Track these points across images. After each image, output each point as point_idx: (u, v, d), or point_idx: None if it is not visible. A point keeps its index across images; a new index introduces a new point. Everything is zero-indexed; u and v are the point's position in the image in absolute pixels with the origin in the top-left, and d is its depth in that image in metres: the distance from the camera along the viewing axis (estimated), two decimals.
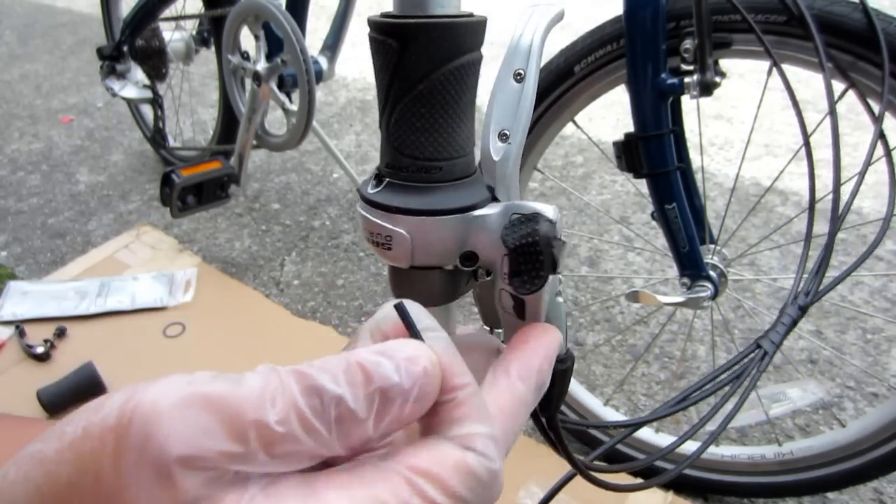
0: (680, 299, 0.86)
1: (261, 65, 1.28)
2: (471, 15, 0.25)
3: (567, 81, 0.87)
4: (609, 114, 2.08)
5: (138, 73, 1.73)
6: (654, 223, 0.88)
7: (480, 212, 0.25)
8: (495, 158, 0.27)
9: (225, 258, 1.60)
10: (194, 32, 1.72)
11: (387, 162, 0.26)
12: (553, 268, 0.24)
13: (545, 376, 0.24)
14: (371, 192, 0.26)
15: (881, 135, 0.65)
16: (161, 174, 1.35)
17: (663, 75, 0.78)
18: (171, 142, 1.89)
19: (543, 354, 0.24)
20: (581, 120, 0.94)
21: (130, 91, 1.73)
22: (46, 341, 1.25)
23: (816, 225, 0.64)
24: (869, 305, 1.29)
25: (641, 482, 0.32)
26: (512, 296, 0.26)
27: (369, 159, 1.98)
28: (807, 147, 0.70)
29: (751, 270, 1.42)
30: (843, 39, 0.69)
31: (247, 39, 1.31)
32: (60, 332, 1.28)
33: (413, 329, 0.20)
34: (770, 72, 0.78)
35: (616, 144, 0.83)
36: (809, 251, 0.62)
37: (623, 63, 0.80)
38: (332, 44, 1.45)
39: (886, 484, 0.99)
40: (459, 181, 0.25)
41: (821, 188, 0.68)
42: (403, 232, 0.25)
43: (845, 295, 1.33)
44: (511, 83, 0.27)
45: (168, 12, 1.60)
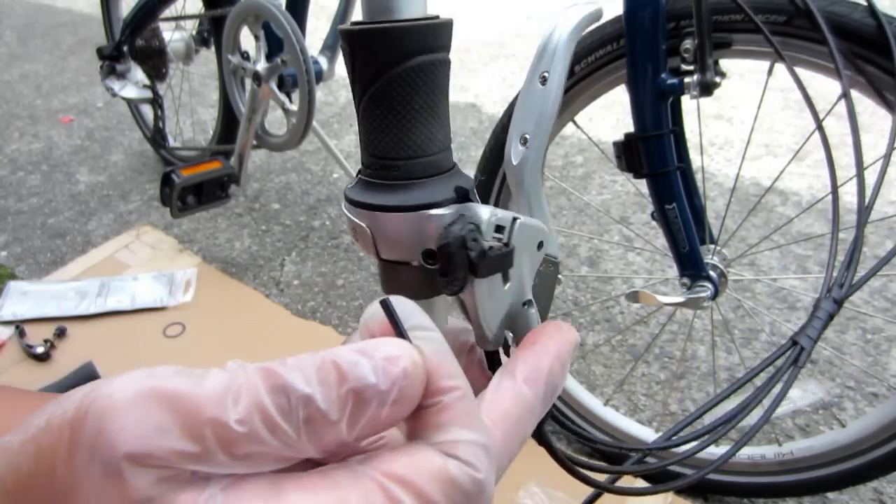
0: (680, 299, 0.86)
1: (261, 65, 1.28)
2: (424, 19, 0.25)
3: (567, 81, 0.87)
4: (609, 114, 2.08)
5: (138, 73, 1.73)
6: (654, 223, 0.88)
7: (436, 211, 0.25)
8: (514, 163, 0.27)
9: (225, 258, 1.60)
10: (194, 32, 1.72)
11: (362, 160, 0.27)
12: (472, 270, 0.24)
13: (557, 379, 0.22)
14: (349, 188, 0.27)
15: None
16: (161, 174, 1.35)
17: (663, 75, 0.78)
18: (171, 142, 1.89)
19: (555, 356, 0.23)
20: (581, 120, 0.94)
21: (130, 91, 1.73)
22: (46, 341, 1.25)
23: (815, 225, 0.64)
24: (869, 305, 1.29)
25: (649, 486, 0.31)
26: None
27: None
28: (821, 132, 0.69)
29: (751, 270, 1.42)
30: (846, 40, 0.69)
31: (247, 39, 1.31)
32: (60, 332, 1.28)
33: (399, 327, 0.19)
34: (770, 72, 0.77)
35: (616, 144, 0.83)
36: (805, 248, 0.62)
37: (623, 63, 0.80)
38: (332, 44, 1.46)
39: (886, 484, 0.99)
40: (420, 180, 0.26)
41: (820, 188, 0.68)
42: (364, 225, 0.26)
43: None
44: (536, 86, 0.27)
45: (168, 12, 1.60)
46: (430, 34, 0.24)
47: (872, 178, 0.64)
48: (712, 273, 0.86)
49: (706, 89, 0.77)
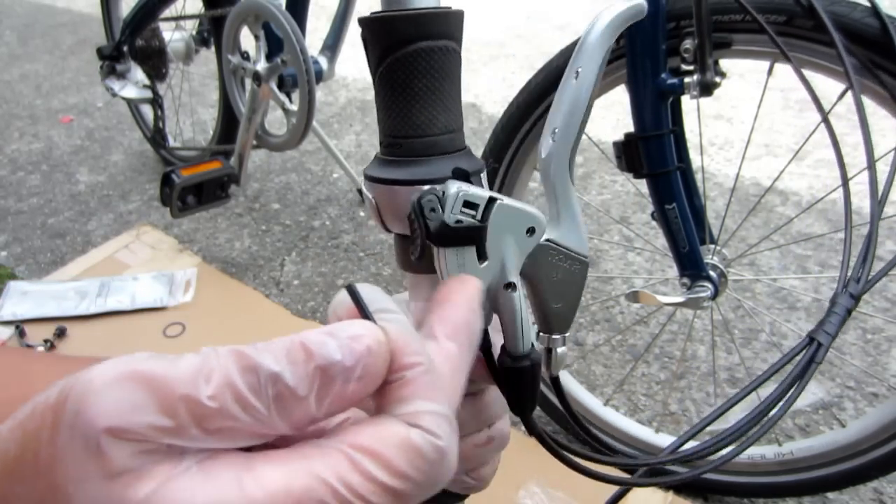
0: (680, 299, 0.86)
1: (261, 65, 1.28)
2: (428, 8, 0.26)
3: None
4: (609, 114, 2.08)
5: (138, 73, 1.73)
6: (654, 223, 0.88)
7: (427, 187, 0.26)
8: (542, 155, 0.28)
9: (225, 258, 1.60)
10: (194, 32, 1.72)
11: (379, 139, 0.29)
12: (429, 237, 0.25)
13: (475, 327, 0.24)
14: (368, 165, 0.29)
15: None
16: (161, 174, 1.35)
17: (663, 75, 0.78)
18: (171, 142, 1.89)
19: (467, 307, 0.24)
20: None
21: (130, 91, 1.73)
22: (46, 341, 1.25)
23: (816, 224, 0.63)
24: (869, 305, 1.29)
25: (639, 479, 0.31)
26: None
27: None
28: (827, 124, 0.68)
29: (751, 270, 1.42)
30: (847, 40, 0.69)
31: (247, 39, 1.31)
32: (60, 332, 1.28)
33: (364, 310, 0.20)
34: (770, 71, 0.77)
35: (616, 144, 0.83)
36: (805, 248, 0.62)
37: (623, 63, 0.80)
38: (332, 44, 1.46)
39: (886, 484, 0.99)
40: (420, 158, 0.27)
41: (820, 188, 0.68)
42: (370, 196, 0.28)
43: None
44: (571, 81, 0.28)
45: (168, 12, 1.60)
46: (431, 23, 0.26)
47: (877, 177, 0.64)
48: (712, 273, 0.86)
49: (706, 89, 0.77)
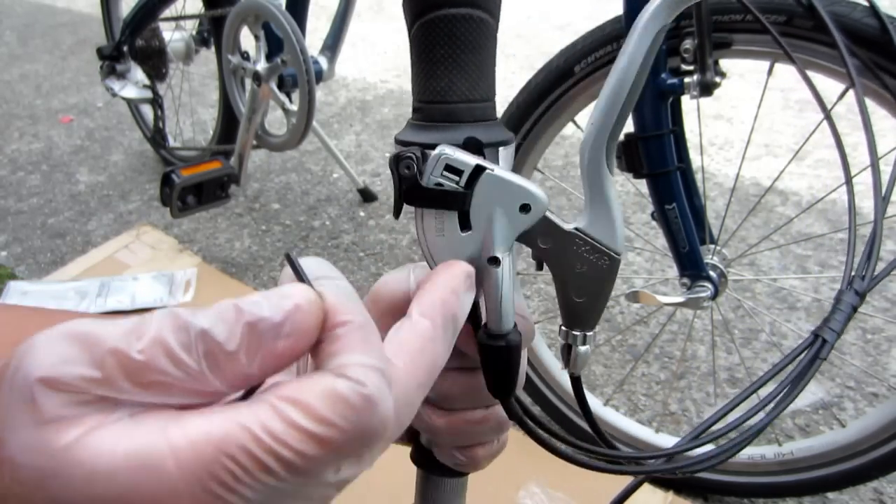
0: (680, 299, 0.86)
1: (261, 65, 1.28)
2: None
3: (567, 81, 0.87)
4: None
5: (138, 73, 1.73)
6: (654, 223, 0.88)
7: (416, 147, 0.27)
8: (582, 142, 0.28)
9: (225, 258, 1.60)
10: (194, 32, 1.72)
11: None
12: (401, 195, 0.26)
13: (453, 308, 0.24)
14: None
15: None
16: (161, 174, 1.35)
17: (663, 75, 0.78)
18: (171, 142, 1.89)
19: (445, 287, 0.24)
20: (581, 120, 0.94)
21: (130, 91, 1.73)
22: None
23: (816, 224, 0.63)
24: (869, 305, 1.29)
25: (616, 466, 0.31)
26: None
27: (369, 159, 1.98)
28: (830, 121, 0.68)
29: (751, 270, 1.42)
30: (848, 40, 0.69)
31: (247, 39, 1.31)
32: None
33: (300, 274, 0.21)
34: (770, 71, 0.77)
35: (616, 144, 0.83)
36: (805, 248, 0.62)
37: None
38: (332, 44, 1.46)
39: (886, 484, 0.99)
40: (437, 124, 0.27)
41: (820, 188, 0.68)
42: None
43: None
44: (618, 62, 0.27)
45: (168, 12, 1.60)
46: None
47: (868, 179, 0.64)
48: (712, 273, 0.86)
49: (706, 89, 0.77)
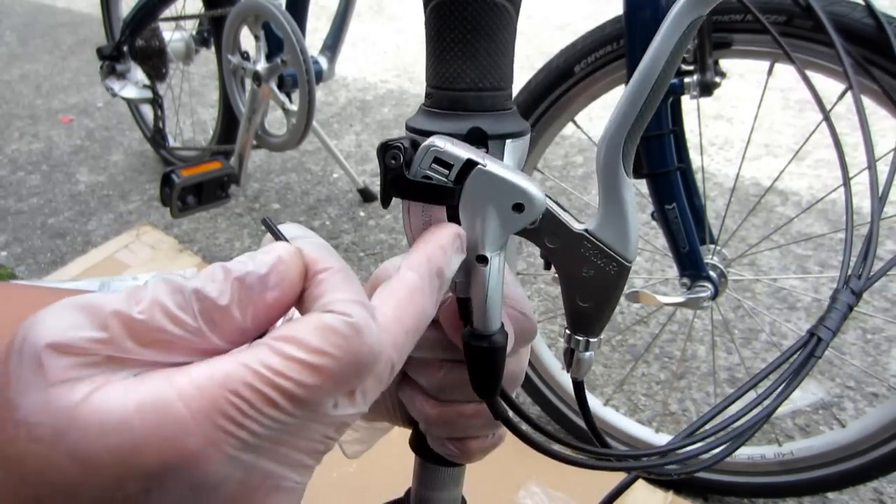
0: (680, 299, 0.86)
1: (261, 65, 1.28)
2: None
3: (567, 81, 0.87)
4: (609, 114, 2.08)
5: (138, 73, 1.73)
6: (654, 223, 0.88)
7: (406, 137, 0.27)
8: (600, 139, 0.28)
9: (225, 258, 1.59)
10: (194, 32, 1.72)
11: None
12: (385, 184, 0.26)
13: (439, 262, 0.25)
14: None
15: None
16: (161, 174, 1.35)
17: None
18: (171, 142, 1.89)
19: (434, 244, 0.25)
20: (581, 120, 0.94)
21: (130, 91, 1.73)
22: None
23: (816, 224, 0.63)
24: (869, 305, 1.29)
25: (602, 462, 0.31)
26: None
27: (369, 159, 1.98)
28: (828, 122, 0.68)
29: (751, 270, 1.42)
30: (847, 40, 0.69)
31: (247, 39, 1.31)
32: None
33: (277, 234, 0.22)
34: (770, 71, 0.78)
35: None
36: (805, 248, 0.62)
37: (623, 63, 0.80)
38: (332, 44, 1.46)
39: (886, 484, 0.99)
40: (444, 112, 0.27)
41: (820, 188, 0.68)
42: None
43: None
44: (645, 57, 0.27)
45: (168, 12, 1.60)
46: None
47: (868, 179, 0.64)
48: (712, 273, 0.86)
49: (706, 89, 0.77)
